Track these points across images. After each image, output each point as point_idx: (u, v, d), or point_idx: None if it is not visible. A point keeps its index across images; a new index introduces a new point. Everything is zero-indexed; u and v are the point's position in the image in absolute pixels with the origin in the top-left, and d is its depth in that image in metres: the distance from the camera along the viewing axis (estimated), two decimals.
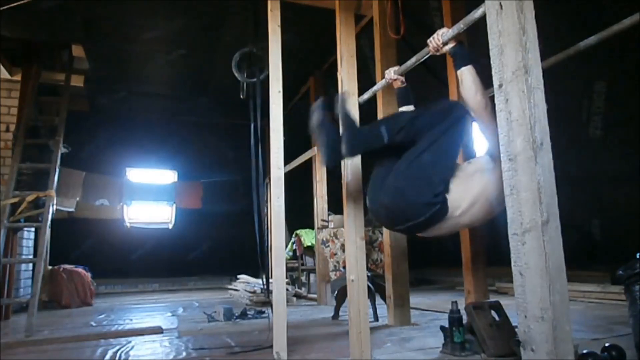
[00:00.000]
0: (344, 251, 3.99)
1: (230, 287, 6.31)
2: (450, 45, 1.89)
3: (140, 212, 7.91)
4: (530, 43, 1.26)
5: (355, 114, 2.33)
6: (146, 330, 3.47)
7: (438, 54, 1.94)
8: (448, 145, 1.84)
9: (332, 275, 4.19)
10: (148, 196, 7.64)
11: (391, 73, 2.30)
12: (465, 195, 1.80)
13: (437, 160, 1.80)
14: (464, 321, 2.42)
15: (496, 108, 1.31)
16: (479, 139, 2.06)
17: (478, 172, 1.85)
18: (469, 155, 2.07)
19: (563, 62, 2.16)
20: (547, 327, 1.12)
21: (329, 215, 4.99)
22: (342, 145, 1.92)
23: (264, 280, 3.72)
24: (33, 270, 4.34)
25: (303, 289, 6.25)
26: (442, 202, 1.78)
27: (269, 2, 2.60)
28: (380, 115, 3.50)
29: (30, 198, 4.20)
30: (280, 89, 2.56)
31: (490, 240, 3.27)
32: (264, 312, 4.22)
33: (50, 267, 5.60)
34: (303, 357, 2.47)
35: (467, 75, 1.83)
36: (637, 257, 2.03)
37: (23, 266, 4.94)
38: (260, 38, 3.31)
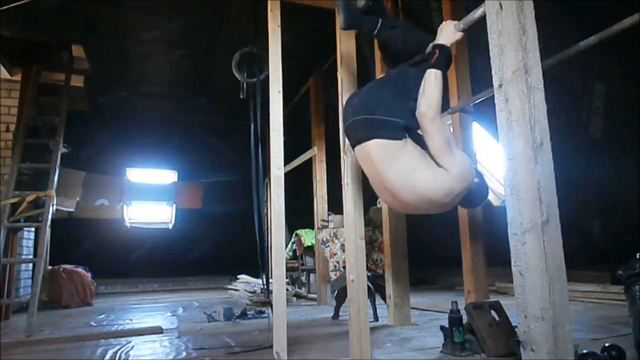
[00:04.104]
0: (344, 251, 3.99)
1: (230, 287, 6.31)
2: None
3: (140, 212, 7.90)
4: (530, 43, 1.26)
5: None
6: (146, 330, 3.47)
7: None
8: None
9: (332, 275, 4.19)
10: (148, 196, 7.63)
11: None
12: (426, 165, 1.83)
13: (421, 77, 1.86)
14: (464, 321, 2.42)
15: (496, 108, 1.30)
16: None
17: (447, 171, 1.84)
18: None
19: (563, 62, 2.15)
20: (547, 327, 1.12)
21: (329, 215, 4.99)
22: (339, 13, 2.09)
23: (264, 280, 3.72)
24: (33, 270, 4.33)
25: (303, 289, 6.24)
26: (404, 125, 1.84)
27: (269, 2, 2.60)
28: None
29: (30, 198, 4.20)
30: (280, 89, 2.56)
31: (490, 240, 3.27)
32: (264, 312, 4.21)
33: (50, 267, 5.60)
34: (303, 357, 2.47)
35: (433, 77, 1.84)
36: (637, 257, 2.03)
37: (23, 266, 4.93)
38: (260, 38, 3.31)
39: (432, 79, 1.81)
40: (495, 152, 5.71)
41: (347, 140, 2.44)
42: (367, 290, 2.37)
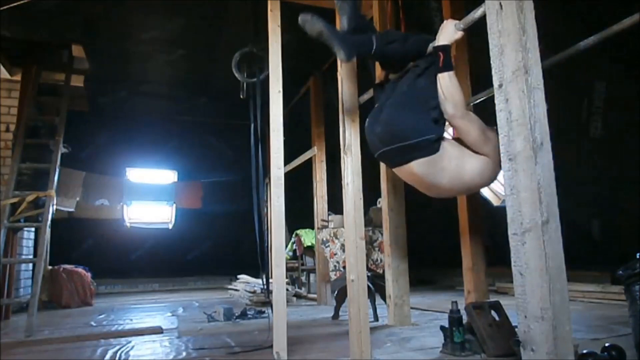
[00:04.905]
0: (344, 251, 3.99)
1: (230, 287, 6.31)
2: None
3: (140, 212, 7.90)
4: (530, 43, 1.26)
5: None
6: (146, 330, 3.47)
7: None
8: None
9: (332, 275, 4.19)
10: (148, 196, 7.64)
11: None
12: (462, 157, 1.92)
13: (432, 85, 1.89)
14: (464, 321, 2.41)
15: (496, 108, 1.31)
16: None
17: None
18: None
19: (563, 62, 2.15)
20: (547, 327, 1.12)
21: (329, 215, 4.98)
22: (338, 52, 1.99)
23: (264, 280, 3.72)
24: (33, 270, 4.33)
25: (303, 289, 6.24)
26: (437, 138, 1.89)
27: (269, 2, 2.60)
28: None
29: (30, 198, 4.19)
30: (280, 89, 2.56)
31: (490, 240, 3.27)
32: (264, 312, 4.21)
33: (50, 267, 5.59)
34: (303, 357, 2.47)
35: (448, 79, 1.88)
36: (637, 257, 2.03)
37: (23, 266, 4.93)
38: (260, 38, 3.30)
39: (447, 81, 1.86)
40: None
41: (347, 140, 2.45)
42: (367, 290, 2.37)
